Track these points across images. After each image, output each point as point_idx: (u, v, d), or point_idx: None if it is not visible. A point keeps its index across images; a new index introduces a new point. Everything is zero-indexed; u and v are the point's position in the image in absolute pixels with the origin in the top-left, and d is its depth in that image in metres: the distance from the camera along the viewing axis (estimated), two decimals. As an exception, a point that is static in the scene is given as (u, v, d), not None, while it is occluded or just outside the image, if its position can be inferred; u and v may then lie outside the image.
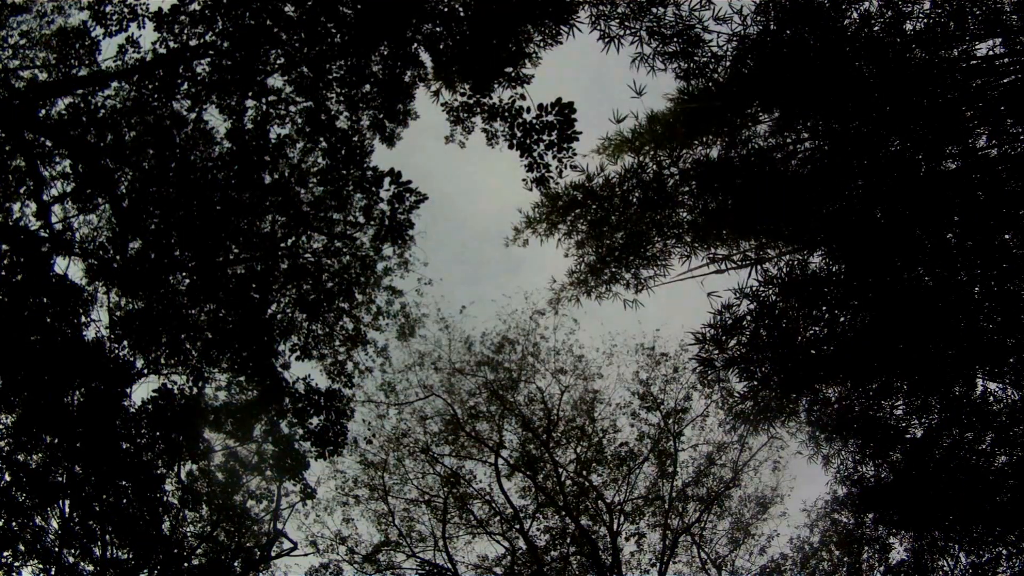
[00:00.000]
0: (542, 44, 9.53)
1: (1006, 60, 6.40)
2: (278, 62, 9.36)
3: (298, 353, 11.43)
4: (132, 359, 10.56)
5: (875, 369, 6.60)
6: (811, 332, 6.71)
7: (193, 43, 9.00)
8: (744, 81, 7.23)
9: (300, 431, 11.20)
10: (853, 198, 6.43)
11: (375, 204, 10.43)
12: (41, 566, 10.64)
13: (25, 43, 11.96)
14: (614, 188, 8.55)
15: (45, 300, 9.24)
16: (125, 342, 10.23)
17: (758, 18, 7.12)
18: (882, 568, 13.65)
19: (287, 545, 16.11)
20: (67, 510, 11.14)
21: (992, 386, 6.97)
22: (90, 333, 10.26)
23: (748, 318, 6.79)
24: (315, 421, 10.97)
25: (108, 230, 11.04)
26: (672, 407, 17.87)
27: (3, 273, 8.85)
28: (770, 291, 6.69)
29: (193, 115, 9.64)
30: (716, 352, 6.94)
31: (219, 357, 10.76)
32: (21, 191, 10.75)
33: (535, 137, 9.13)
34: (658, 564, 17.19)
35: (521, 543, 17.47)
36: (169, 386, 10.56)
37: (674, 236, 8.10)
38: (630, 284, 8.82)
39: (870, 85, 6.43)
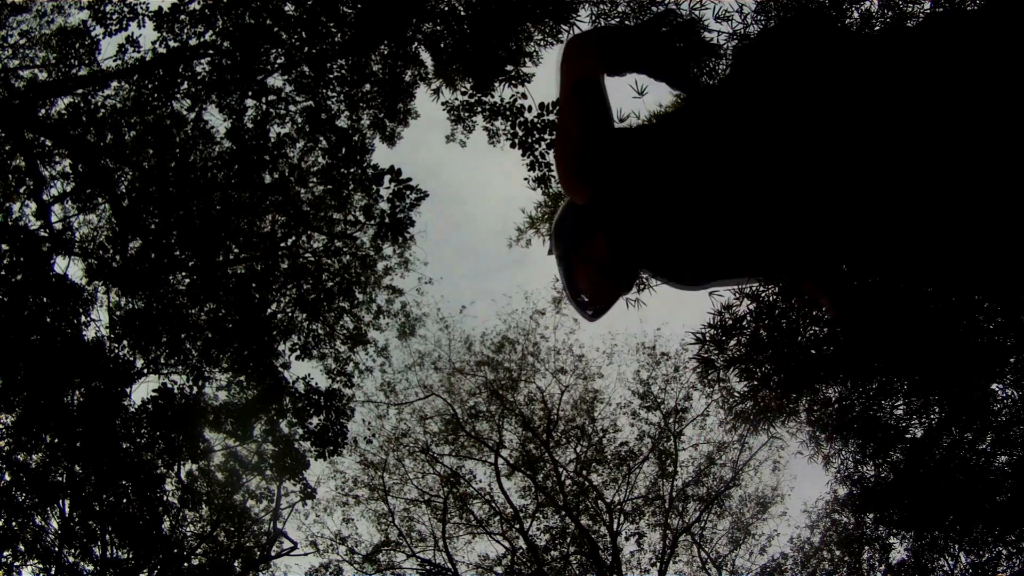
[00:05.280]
0: (543, 43, 9.53)
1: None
2: (278, 61, 9.36)
3: (298, 353, 11.44)
4: (132, 359, 10.56)
5: (875, 369, 6.59)
6: (811, 332, 6.70)
7: (193, 42, 9.00)
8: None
9: (300, 431, 11.20)
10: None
11: (375, 203, 10.44)
12: (41, 566, 10.64)
13: (25, 42, 11.97)
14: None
15: (45, 300, 9.23)
16: (125, 342, 10.23)
17: (759, 17, 7.12)
18: (882, 568, 13.64)
19: (287, 545, 16.11)
20: (67, 510, 11.13)
21: (992, 386, 6.96)
22: (90, 333, 10.26)
23: (748, 318, 6.79)
24: (315, 421, 10.96)
25: (108, 230, 11.04)
26: (672, 407, 17.89)
27: (3, 273, 8.84)
28: (770, 291, 6.68)
29: (193, 115, 9.64)
30: (716, 352, 6.93)
31: (219, 357, 10.75)
32: (21, 191, 10.75)
33: (537, 136, 9.14)
34: (658, 564, 17.20)
35: (521, 543, 17.47)
36: (169, 386, 10.57)
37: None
38: (631, 283, 8.81)
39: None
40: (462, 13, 9.29)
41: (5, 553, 10.05)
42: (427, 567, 17.56)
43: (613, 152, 1.68)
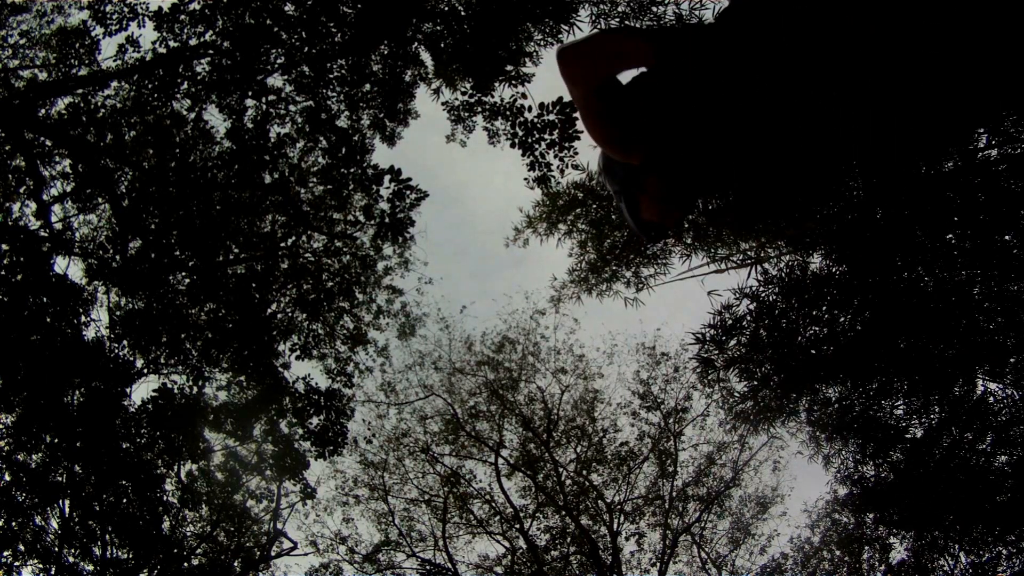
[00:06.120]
0: (543, 43, 9.53)
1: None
2: (278, 61, 9.36)
3: (298, 353, 11.44)
4: (132, 359, 10.56)
5: (875, 369, 6.60)
6: (811, 332, 6.70)
7: (193, 42, 9.00)
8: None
9: (300, 431, 11.21)
10: (853, 198, 6.43)
11: (375, 203, 10.44)
12: (41, 566, 10.64)
13: (25, 43, 11.97)
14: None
15: (45, 300, 9.24)
16: (125, 342, 10.23)
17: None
18: (883, 568, 13.65)
19: (287, 545, 16.13)
20: (67, 510, 11.13)
21: (992, 386, 6.97)
22: (90, 333, 10.26)
23: (748, 318, 6.79)
24: (315, 421, 10.96)
25: (108, 230, 11.05)
26: (672, 407, 17.88)
27: (3, 273, 8.84)
28: (770, 291, 6.68)
29: (193, 115, 9.64)
30: (716, 352, 6.93)
31: (219, 357, 10.76)
32: (21, 191, 10.76)
33: (536, 136, 9.12)
34: (658, 564, 17.19)
35: (521, 543, 17.47)
36: (169, 386, 10.57)
37: (674, 235, 8.09)
38: (631, 282, 8.82)
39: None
40: (462, 13, 9.29)
41: (5, 553, 10.05)
42: (427, 567, 17.56)
43: (645, 120, 1.87)
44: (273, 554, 15.64)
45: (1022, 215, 5.51)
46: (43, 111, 10.11)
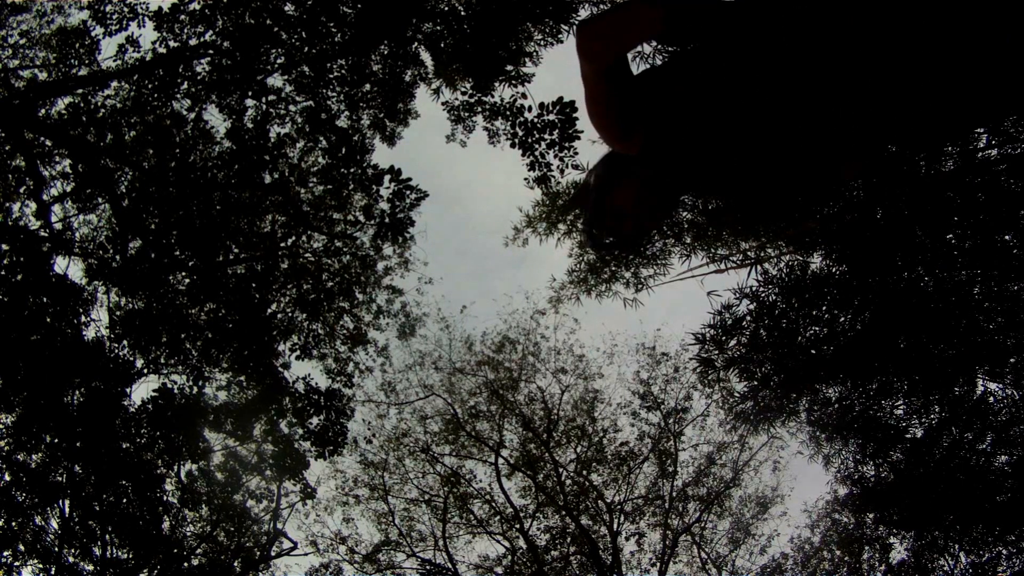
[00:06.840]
0: (543, 43, 9.54)
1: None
2: (278, 61, 9.36)
3: (298, 353, 11.44)
4: (132, 359, 10.56)
5: (875, 369, 6.59)
6: (811, 332, 6.70)
7: (193, 42, 9.00)
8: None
9: (300, 431, 11.20)
10: (853, 199, 6.43)
11: (375, 203, 10.44)
12: (41, 566, 10.64)
13: (25, 42, 11.97)
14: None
15: (45, 300, 9.24)
16: (125, 342, 10.23)
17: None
18: (883, 568, 13.64)
19: (287, 545, 16.12)
20: (67, 510, 11.13)
21: (992, 386, 6.97)
22: (90, 333, 10.26)
23: (748, 318, 6.78)
24: (315, 421, 10.96)
25: (108, 230, 11.04)
26: (672, 407, 17.87)
27: (3, 273, 8.84)
28: (770, 291, 6.67)
29: (193, 115, 9.64)
30: (716, 352, 6.93)
31: (219, 357, 10.75)
32: (21, 191, 10.76)
33: (536, 136, 9.11)
34: (658, 564, 17.19)
35: (521, 543, 17.46)
36: (169, 386, 10.57)
37: (674, 235, 8.09)
38: (630, 283, 8.82)
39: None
40: (462, 13, 9.29)
41: (5, 553, 10.05)
42: (427, 567, 17.55)
43: (646, 109, 1.89)
44: (273, 554, 15.64)
45: (1022, 215, 5.51)
46: (43, 111, 10.11)
